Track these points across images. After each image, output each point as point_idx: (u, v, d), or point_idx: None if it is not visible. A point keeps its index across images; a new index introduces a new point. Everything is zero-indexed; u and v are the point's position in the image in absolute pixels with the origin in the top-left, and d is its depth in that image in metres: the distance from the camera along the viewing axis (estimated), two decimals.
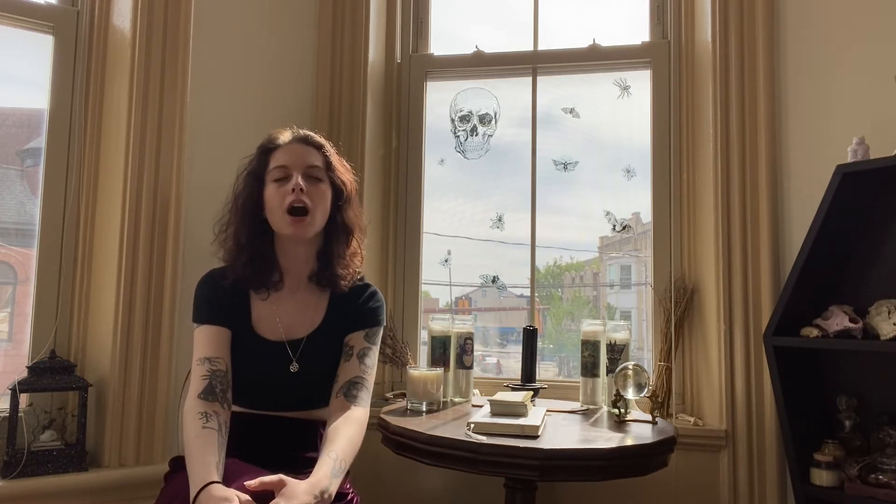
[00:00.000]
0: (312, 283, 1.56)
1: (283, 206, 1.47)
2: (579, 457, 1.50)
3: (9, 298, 1.99)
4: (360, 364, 1.52)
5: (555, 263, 2.50)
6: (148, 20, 1.95)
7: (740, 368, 1.99)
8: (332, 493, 1.28)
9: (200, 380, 1.40)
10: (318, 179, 1.53)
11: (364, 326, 1.56)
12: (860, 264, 1.90)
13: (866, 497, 1.69)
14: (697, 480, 2.03)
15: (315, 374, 1.50)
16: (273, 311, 1.52)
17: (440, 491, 2.20)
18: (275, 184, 1.51)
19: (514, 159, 2.46)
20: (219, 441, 1.32)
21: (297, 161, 1.52)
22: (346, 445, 1.38)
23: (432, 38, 2.56)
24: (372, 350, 1.56)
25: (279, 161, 1.52)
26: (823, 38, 2.02)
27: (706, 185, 2.13)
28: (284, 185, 1.49)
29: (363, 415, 1.48)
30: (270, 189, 1.51)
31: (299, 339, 1.50)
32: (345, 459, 1.36)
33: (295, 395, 1.50)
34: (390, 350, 2.33)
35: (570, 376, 2.41)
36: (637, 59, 2.36)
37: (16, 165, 2.01)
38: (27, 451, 1.76)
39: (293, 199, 1.47)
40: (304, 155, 1.53)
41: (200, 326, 1.48)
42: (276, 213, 1.49)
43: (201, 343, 1.46)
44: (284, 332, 1.51)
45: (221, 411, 1.38)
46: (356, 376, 1.51)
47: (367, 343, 1.55)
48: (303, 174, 1.50)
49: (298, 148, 1.54)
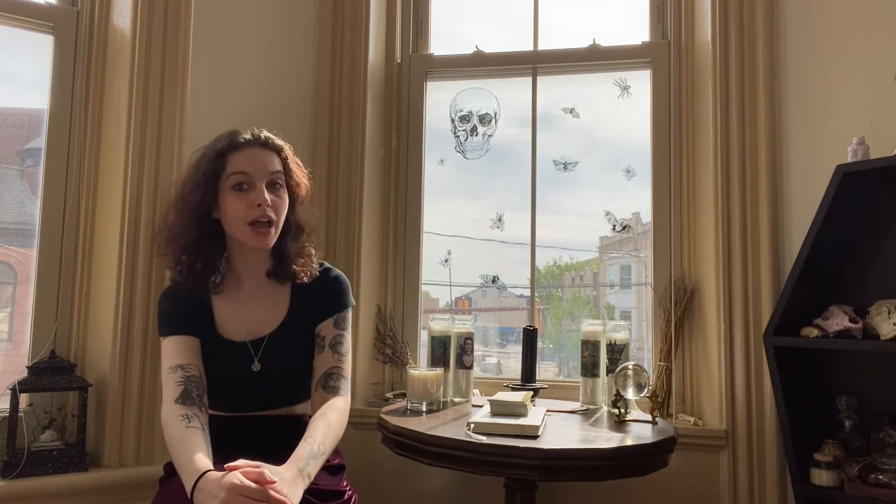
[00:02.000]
0: (272, 279, 1.55)
1: (246, 219, 1.45)
2: (579, 457, 1.50)
3: (9, 298, 1.99)
4: (333, 354, 1.51)
5: (555, 263, 2.50)
6: (148, 20, 1.95)
7: (740, 368, 1.99)
8: (312, 472, 1.28)
9: (175, 386, 1.38)
10: (278, 186, 1.50)
11: (332, 313, 1.54)
12: (860, 264, 1.90)
13: (866, 497, 1.69)
14: (697, 480, 2.03)
15: (281, 371, 1.49)
16: (236, 312, 1.52)
17: (440, 491, 2.20)
18: (234, 191, 1.46)
19: (514, 159, 2.46)
20: (205, 438, 1.31)
21: (259, 168, 1.47)
22: (324, 430, 1.37)
23: (432, 38, 2.56)
24: (343, 336, 1.54)
25: (239, 166, 1.47)
26: (823, 38, 2.02)
27: (706, 185, 2.13)
28: (247, 194, 1.46)
29: (343, 403, 1.48)
30: (230, 197, 1.47)
31: (262, 337, 1.50)
32: (322, 443, 1.34)
33: (266, 394, 1.50)
34: (390, 350, 2.33)
35: (570, 376, 2.41)
36: (637, 59, 2.36)
37: (16, 165, 2.01)
38: (27, 451, 1.76)
39: (259, 214, 1.44)
40: (266, 161, 1.49)
41: (167, 338, 1.47)
42: (236, 223, 1.46)
43: (170, 352, 1.45)
44: (248, 332, 1.50)
45: (200, 414, 1.37)
46: (331, 367, 1.50)
47: (337, 330, 1.54)
48: (267, 183, 1.47)
49: (259, 153, 1.49)
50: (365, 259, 2.31)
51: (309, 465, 1.28)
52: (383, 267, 2.44)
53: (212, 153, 1.51)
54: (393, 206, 2.47)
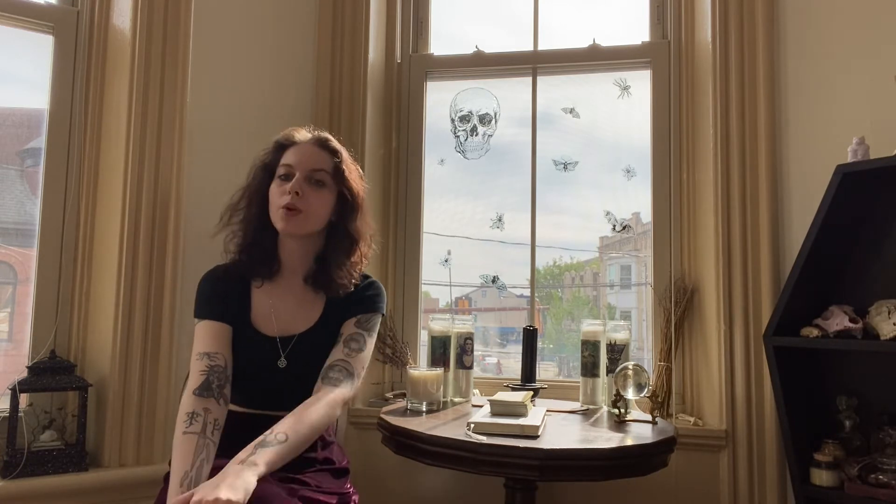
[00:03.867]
0: (308, 284, 1.56)
1: (279, 203, 1.50)
2: (579, 457, 1.50)
3: (9, 298, 1.99)
4: (344, 348, 1.49)
5: (555, 263, 2.50)
6: (148, 20, 1.95)
7: (740, 368, 1.99)
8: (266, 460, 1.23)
9: (199, 375, 1.39)
10: (321, 184, 1.53)
11: (357, 313, 1.54)
12: (860, 264, 1.90)
13: (866, 497, 1.69)
14: (697, 480, 2.03)
15: (306, 371, 1.49)
16: (271, 306, 1.53)
17: (440, 491, 2.20)
18: (279, 180, 1.54)
19: (514, 159, 2.46)
20: (199, 444, 1.30)
21: (302, 163, 1.53)
22: (290, 420, 1.33)
23: (432, 38, 2.56)
24: (361, 335, 1.52)
25: (288, 160, 1.54)
26: (823, 38, 2.02)
27: (706, 185, 2.13)
28: (285, 183, 1.51)
29: (336, 395, 1.42)
30: (274, 184, 1.54)
31: (292, 335, 1.51)
32: (284, 432, 1.29)
33: (285, 393, 1.49)
34: (390, 350, 2.33)
35: (570, 376, 2.41)
36: (637, 59, 2.36)
37: (16, 165, 2.01)
38: (27, 451, 1.76)
39: (288, 201, 1.48)
40: (312, 157, 1.54)
41: (201, 322, 1.48)
42: (273, 209, 1.52)
43: (201, 338, 1.46)
44: (280, 328, 1.51)
45: (215, 408, 1.36)
46: (338, 360, 1.47)
47: (357, 329, 1.53)
48: (305, 176, 1.51)
49: (309, 149, 1.55)
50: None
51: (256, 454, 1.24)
52: (383, 267, 2.44)
53: (273, 146, 1.59)
54: (393, 206, 2.47)
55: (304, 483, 1.41)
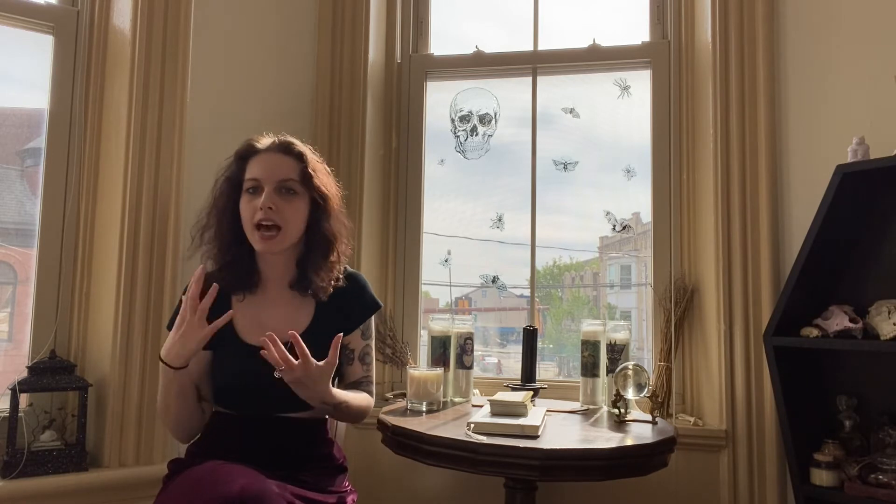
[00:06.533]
0: (294, 290, 1.55)
1: (252, 222, 1.47)
2: (579, 457, 1.50)
3: (9, 298, 1.99)
4: (362, 365, 1.61)
5: (554, 263, 2.50)
6: (148, 20, 1.95)
7: (740, 368, 1.99)
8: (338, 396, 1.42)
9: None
10: (292, 192, 1.49)
11: (357, 323, 1.60)
12: (860, 264, 1.90)
13: (866, 497, 1.69)
14: (697, 480, 2.03)
15: None
16: (258, 317, 1.52)
17: (440, 491, 2.20)
18: (247, 195, 1.49)
19: (514, 159, 2.46)
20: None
21: (269, 174, 1.48)
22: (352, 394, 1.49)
23: (432, 38, 2.56)
24: (370, 346, 1.64)
25: (253, 172, 1.50)
26: (823, 38, 2.02)
27: (706, 185, 2.13)
28: (255, 198, 1.47)
29: (371, 401, 1.59)
30: (244, 200, 1.50)
31: (284, 342, 1.46)
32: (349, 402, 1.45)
33: (286, 398, 1.49)
34: (390, 350, 2.33)
35: (570, 376, 2.41)
36: (637, 59, 2.36)
37: (16, 165, 2.01)
38: (27, 451, 1.76)
39: (261, 217, 1.45)
40: (279, 167, 1.49)
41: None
42: (246, 226, 1.49)
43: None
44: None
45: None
46: (361, 377, 1.61)
47: (365, 341, 1.62)
48: (275, 188, 1.47)
49: (274, 159, 1.50)
50: (365, 259, 2.31)
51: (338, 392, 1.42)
52: (383, 267, 2.44)
53: (235, 158, 1.55)
54: (393, 206, 2.47)
55: (303, 482, 1.41)
